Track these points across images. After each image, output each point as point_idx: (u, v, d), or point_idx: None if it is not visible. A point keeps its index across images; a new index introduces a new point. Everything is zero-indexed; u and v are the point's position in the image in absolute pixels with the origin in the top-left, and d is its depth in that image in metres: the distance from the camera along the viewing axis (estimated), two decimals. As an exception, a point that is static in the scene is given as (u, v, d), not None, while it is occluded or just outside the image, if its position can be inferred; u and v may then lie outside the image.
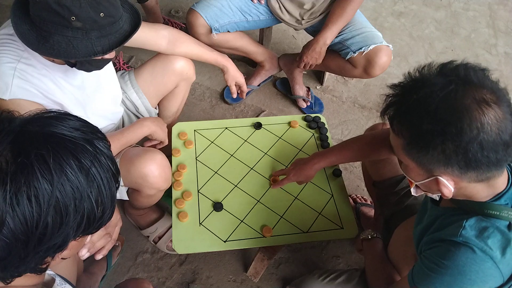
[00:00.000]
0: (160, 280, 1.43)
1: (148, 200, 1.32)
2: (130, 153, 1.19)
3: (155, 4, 2.10)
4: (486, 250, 0.73)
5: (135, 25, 1.04)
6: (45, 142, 0.54)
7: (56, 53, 0.93)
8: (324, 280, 1.13)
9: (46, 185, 0.51)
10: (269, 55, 1.95)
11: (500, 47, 2.44)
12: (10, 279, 0.55)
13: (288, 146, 1.44)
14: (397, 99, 0.78)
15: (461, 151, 0.69)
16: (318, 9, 1.68)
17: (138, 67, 1.42)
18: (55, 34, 0.91)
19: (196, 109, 1.96)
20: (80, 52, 0.94)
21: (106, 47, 0.96)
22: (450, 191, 0.76)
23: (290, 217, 1.25)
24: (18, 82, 0.98)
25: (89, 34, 0.93)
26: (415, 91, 0.74)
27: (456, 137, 0.68)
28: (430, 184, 0.78)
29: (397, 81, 0.81)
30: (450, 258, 0.76)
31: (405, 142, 0.75)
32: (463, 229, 0.76)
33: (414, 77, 0.78)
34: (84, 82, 1.15)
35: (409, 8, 2.64)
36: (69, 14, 0.89)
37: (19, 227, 0.50)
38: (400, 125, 0.76)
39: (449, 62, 0.75)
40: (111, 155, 0.62)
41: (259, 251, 1.32)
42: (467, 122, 0.68)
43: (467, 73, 0.72)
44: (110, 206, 0.61)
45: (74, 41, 0.92)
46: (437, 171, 0.74)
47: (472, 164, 0.70)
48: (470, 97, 0.69)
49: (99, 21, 0.92)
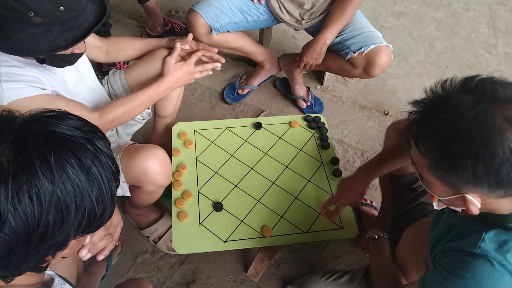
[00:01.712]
0: (160, 280, 1.43)
1: (148, 197, 1.32)
2: (130, 149, 1.19)
3: (155, 4, 2.10)
4: (505, 264, 0.72)
5: (100, 17, 1.01)
6: (46, 141, 0.54)
7: (19, 50, 0.91)
8: (327, 280, 1.13)
9: (47, 184, 0.52)
10: (269, 55, 1.95)
11: (500, 47, 2.44)
12: (11, 277, 0.56)
13: (288, 146, 1.44)
14: (422, 117, 0.75)
15: (492, 173, 0.67)
16: (318, 9, 1.68)
17: (129, 67, 1.41)
18: (16, 31, 0.89)
19: (196, 109, 1.96)
20: (43, 48, 0.92)
21: (70, 41, 0.94)
22: (477, 208, 0.73)
23: (290, 217, 1.25)
24: (7, 86, 0.97)
25: (50, 29, 0.91)
26: (442, 111, 0.71)
27: (488, 159, 0.66)
28: (455, 200, 0.76)
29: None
30: (467, 269, 0.75)
31: (432, 162, 0.73)
32: (482, 241, 0.75)
33: (437, 93, 0.75)
34: (65, 77, 1.15)
35: (409, 8, 2.65)
36: (26, 9, 0.87)
37: (21, 225, 0.51)
38: (427, 146, 0.73)
39: (474, 77, 0.73)
40: (111, 154, 0.62)
41: (259, 251, 1.33)
42: (499, 144, 0.65)
43: (495, 89, 0.69)
44: (110, 204, 0.61)
45: (37, 38, 0.91)
46: (465, 189, 0.72)
47: (503, 184, 0.68)
48: (501, 116, 0.66)
49: (59, 15, 0.91)
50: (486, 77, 0.72)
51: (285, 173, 1.36)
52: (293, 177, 1.35)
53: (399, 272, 1.07)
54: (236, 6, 1.69)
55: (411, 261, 1.06)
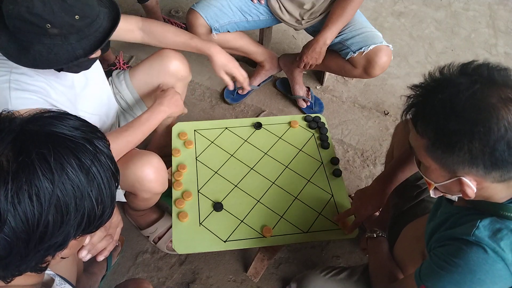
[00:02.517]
0: (160, 280, 1.43)
1: (144, 203, 1.32)
2: (125, 156, 1.18)
3: (155, 4, 2.10)
4: (498, 251, 0.73)
5: (114, 20, 1.01)
6: (46, 141, 0.54)
7: (39, 64, 0.92)
8: (326, 275, 1.13)
9: (47, 184, 0.52)
10: (269, 55, 1.95)
11: (500, 47, 2.44)
12: (11, 278, 0.56)
13: (288, 146, 1.44)
14: (420, 100, 0.77)
15: (488, 151, 0.68)
16: (318, 9, 1.68)
17: (134, 67, 1.41)
18: (34, 44, 0.90)
19: (196, 109, 1.96)
20: (62, 59, 0.92)
21: (88, 49, 0.95)
22: (473, 191, 0.74)
23: (290, 217, 1.25)
24: (15, 94, 0.96)
25: (68, 39, 0.91)
26: (439, 91, 0.73)
27: (483, 136, 0.67)
28: (451, 185, 0.77)
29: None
30: (461, 257, 0.76)
31: (430, 142, 0.74)
32: (476, 228, 0.75)
33: (435, 77, 0.77)
34: (74, 81, 1.14)
35: (409, 8, 2.65)
36: (43, 22, 0.87)
37: (20, 225, 0.51)
38: (424, 126, 0.75)
39: (470, 62, 0.75)
40: (111, 154, 0.62)
41: (259, 251, 1.33)
42: (495, 121, 0.67)
43: (491, 73, 0.71)
44: (110, 205, 0.61)
45: (55, 48, 0.91)
46: (461, 171, 0.73)
47: (498, 164, 0.69)
48: (496, 96, 0.68)
49: (75, 24, 0.90)
50: (482, 63, 0.74)
51: (285, 173, 1.36)
52: (293, 177, 1.35)
53: (397, 268, 1.08)
54: (236, 6, 1.69)
55: (408, 256, 1.06)
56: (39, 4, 0.86)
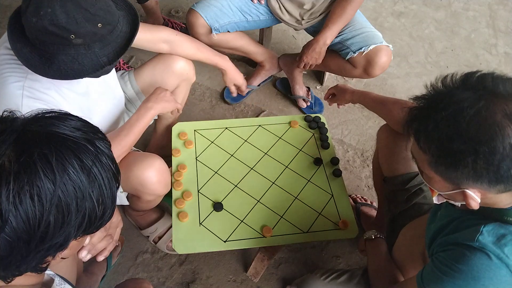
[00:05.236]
0: (160, 280, 1.43)
1: (147, 204, 1.32)
2: (128, 159, 1.17)
3: (155, 4, 2.10)
4: (502, 257, 0.72)
5: (133, 24, 1.01)
6: (47, 141, 0.54)
7: (64, 75, 0.91)
8: (326, 279, 1.13)
9: (48, 184, 0.52)
10: (269, 55, 1.95)
11: (500, 47, 2.45)
12: (11, 278, 0.56)
13: (288, 146, 1.44)
14: (423, 114, 0.75)
15: (492, 169, 0.67)
16: (318, 9, 1.68)
17: (138, 68, 1.41)
18: (57, 54, 0.89)
19: (196, 109, 1.96)
20: (87, 68, 0.92)
21: (111, 56, 0.94)
22: (477, 203, 0.74)
23: (290, 217, 1.25)
24: (27, 102, 0.95)
25: (91, 47, 0.91)
26: (442, 108, 0.71)
27: (488, 155, 0.66)
28: (455, 195, 0.76)
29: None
30: (465, 263, 0.75)
31: (433, 159, 0.73)
32: (480, 234, 0.75)
33: (438, 89, 0.75)
34: (89, 88, 1.13)
35: (409, 8, 2.65)
36: (67, 33, 0.86)
37: (22, 226, 0.51)
38: (428, 143, 0.73)
39: (474, 72, 0.73)
40: (112, 155, 0.62)
41: (259, 251, 1.33)
42: (500, 140, 0.66)
43: (495, 85, 0.69)
44: (110, 205, 0.61)
45: (79, 58, 0.90)
46: (465, 185, 0.72)
47: (503, 179, 0.69)
48: (501, 112, 0.67)
49: (98, 32, 0.90)
50: (486, 73, 0.72)
51: (285, 173, 1.36)
52: (293, 177, 1.35)
53: (396, 270, 1.08)
54: (236, 6, 1.69)
55: (408, 257, 1.06)
56: (63, 15, 0.85)
